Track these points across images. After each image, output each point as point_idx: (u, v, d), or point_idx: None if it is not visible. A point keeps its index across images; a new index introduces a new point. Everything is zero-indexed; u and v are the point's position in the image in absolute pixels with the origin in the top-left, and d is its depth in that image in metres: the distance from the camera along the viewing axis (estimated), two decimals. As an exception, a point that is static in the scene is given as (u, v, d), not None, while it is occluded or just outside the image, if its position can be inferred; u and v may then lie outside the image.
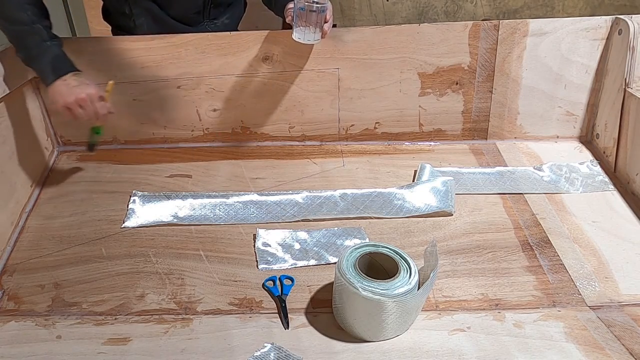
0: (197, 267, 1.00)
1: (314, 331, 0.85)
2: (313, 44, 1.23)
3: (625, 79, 1.23)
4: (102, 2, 1.36)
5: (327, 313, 0.89)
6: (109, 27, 1.41)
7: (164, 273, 0.98)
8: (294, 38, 1.18)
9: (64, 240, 1.07)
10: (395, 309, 0.79)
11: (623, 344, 0.81)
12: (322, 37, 1.18)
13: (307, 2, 1.12)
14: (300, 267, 0.99)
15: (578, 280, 0.95)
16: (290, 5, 1.18)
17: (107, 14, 1.37)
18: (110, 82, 1.15)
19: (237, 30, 1.42)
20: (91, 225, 1.11)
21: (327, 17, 1.16)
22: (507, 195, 1.19)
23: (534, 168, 1.27)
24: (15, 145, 1.16)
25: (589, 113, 1.36)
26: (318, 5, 1.12)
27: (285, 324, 0.86)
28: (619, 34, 1.24)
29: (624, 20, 1.23)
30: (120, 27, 1.35)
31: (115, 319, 0.88)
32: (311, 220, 1.11)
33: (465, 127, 1.39)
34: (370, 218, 1.12)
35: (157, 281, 0.96)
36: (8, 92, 1.14)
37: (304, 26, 1.15)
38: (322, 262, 1.00)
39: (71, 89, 1.05)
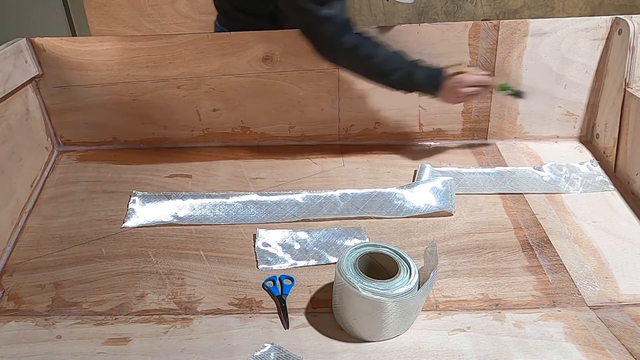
0: (197, 267, 1.00)
1: (314, 331, 0.85)
2: (410, 2, 1.24)
3: (625, 79, 1.23)
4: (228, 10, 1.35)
5: (327, 313, 0.89)
6: (109, 28, 1.41)
7: (164, 273, 0.98)
8: None
9: (64, 240, 1.07)
10: (395, 309, 0.79)
11: (623, 344, 0.81)
12: None
13: None
14: (300, 267, 0.99)
15: (578, 280, 0.95)
16: None
17: (232, 21, 1.35)
18: (457, 64, 1.22)
19: None
20: (91, 225, 1.11)
21: None
22: (507, 195, 1.19)
23: (534, 168, 1.27)
24: (15, 145, 1.16)
25: (589, 113, 1.36)
26: None
27: (285, 324, 0.86)
28: (619, 34, 1.24)
29: (624, 20, 1.23)
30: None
31: (115, 319, 0.88)
32: (311, 220, 1.11)
33: (465, 127, 1.39)
34: (370, 218, 1.12)
35: (157, 281, 0.96)
36: (8, 92, 1.14)
37: None
38: (322, 262, 1.00)
39: (449, 93, 1.19)
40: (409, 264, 0.84)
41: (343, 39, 1.14)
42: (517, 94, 1.24)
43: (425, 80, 1.18)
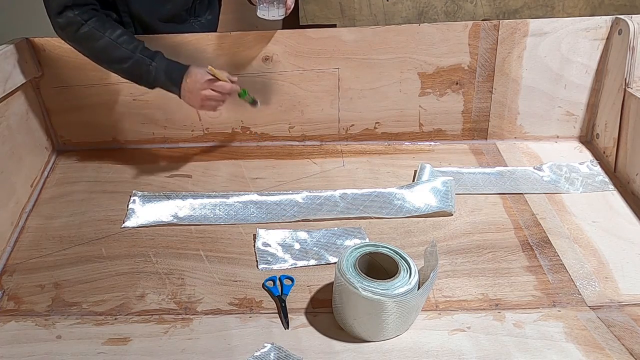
0: (197, 267, 1.00)
1: (314, 331, 0.85)
2: (279, 20, 1.22)
3: (625, 79, 1.23)
4: None
5: (327, 313, 0.89)
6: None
7: (164, 273, 0.98)
8: (259, 15, 1.18)
9: (64, 240, 1.07)
10: (395, 309, 0.79)
11: (623, 344, 0.81)
12: (286, 13, 1.18)
13: None
14: (300, 267, 0.99)
15: (578, 280, 0.95)
16: None
17: None
18: (209, 67, 1.11)
19: (218, 26, 1.41)
20: (91, 225, 1.11)
21: None
22: (507, 195, 1.19)
23: (534, 168, 1.27)
24: (15, 145, 1.16)
25: (589, 113, 1.36)
26: None
27: (285, 324, 0.86)
28: (619, 34, 1.24)
29: (624, 20, 1.23)
30: None
31: (115, 319, 0.88)
32: (311, 220, 1.11)
33: (465, 127, 1.39)
34: (370, 218, 1.12)
35: (157, 281, 0.96)
36: (8, 92, 1.14)
37: (267, 2, 1.15)
38: (322, 262, 1.00)
39: (193, 93, 1.11)
40: (409, 264, 0.84)
41: (61, 14, 1.05)
42: (252, 103, 1.24)
43: (164, 74, 1.09)
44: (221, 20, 1.45)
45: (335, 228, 1.09)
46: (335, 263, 0.94)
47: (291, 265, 0.99)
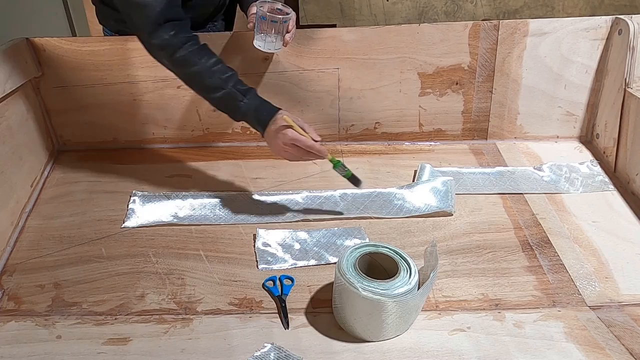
0: (197, 267, 1.00)
1: (314, 331, 0.85)
2: (274, 52, 1.23)
3: (625, 79, 1.23)
4: (98, 6, 1.33)
5: (327, 313, 0.89)
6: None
7: (164, 273, 0.98)
8: (255, 45, 1.18)
9: (64, 240, 1.07)
10: (395, 309, 0.79)
11: (623, 344, 0.81)
12: (283, 46, 1.18)
13: (269, 12, 1.12)
14: (300, 267, 0.99)
15: (578, 280, 0.95)
16: (254, 9, 1.16)
17: (108, 19, 1.34)
18: (284, 116, 1.02)
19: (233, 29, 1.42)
20: (91, 225, 1.11)
21: (290, 26, 1.16)
22: (507, 195, 1.19)
23: (534, 168, 1.27)
24: (15, 145, 1.16)
25: (589, 113, 1.36)
26: (280, 16, 1.12)
27: (285, 324, 0.86)
28: (619, 34, 1.24)
29: (624, 20, 1.23)
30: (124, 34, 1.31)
31: (115, 319, 0.88)
32: (311, 220, 1.11)
33: (465, 127, 1.39)
34: (370, 218, 1.12)
35: (157, 281, 0.96)
36: (8, 92, 1.14)
37: (265, 34, 1.15)
38: (322, 262, 1.00)
39: (274, 141, 1.03)
40: (409, 264, 0.84)
41: (155, 34, 1.02)
42: (352, 179, 1.08)
43: (253, 113, 1.04)
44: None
45: (335, 228, 1.09)
46: (335, 263, 0.94)
47: (291, 265, 0.99)
